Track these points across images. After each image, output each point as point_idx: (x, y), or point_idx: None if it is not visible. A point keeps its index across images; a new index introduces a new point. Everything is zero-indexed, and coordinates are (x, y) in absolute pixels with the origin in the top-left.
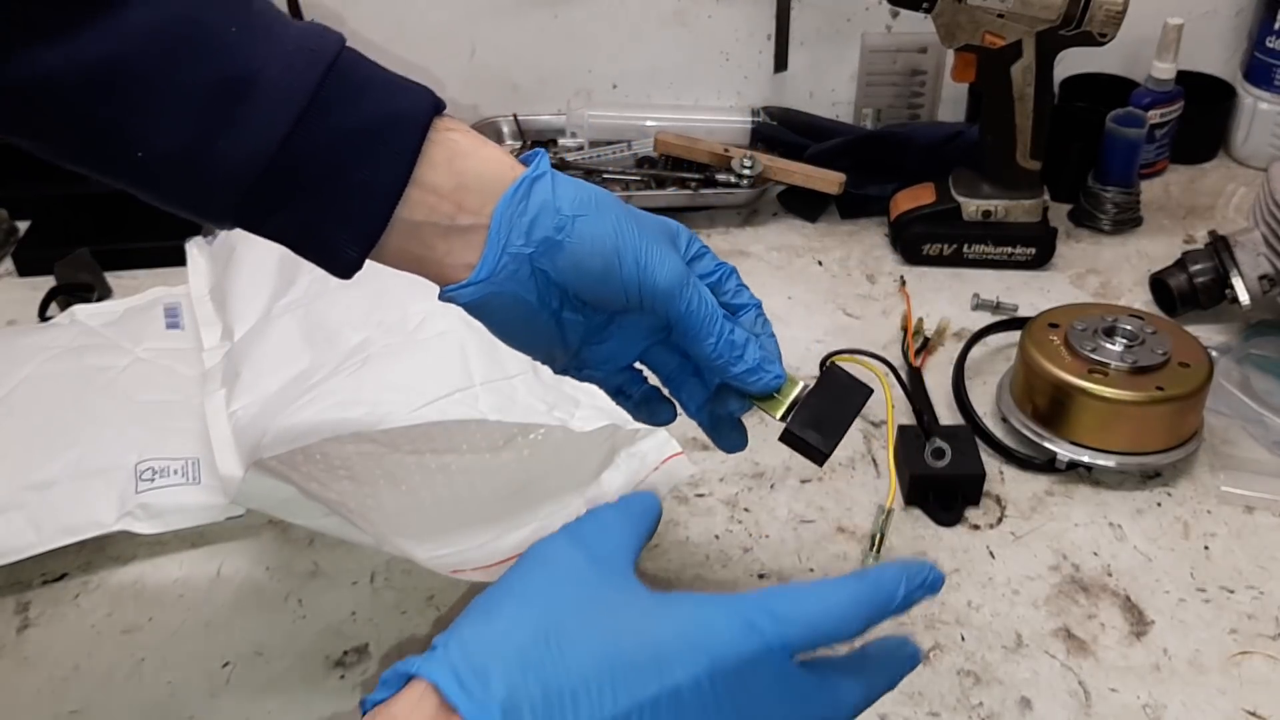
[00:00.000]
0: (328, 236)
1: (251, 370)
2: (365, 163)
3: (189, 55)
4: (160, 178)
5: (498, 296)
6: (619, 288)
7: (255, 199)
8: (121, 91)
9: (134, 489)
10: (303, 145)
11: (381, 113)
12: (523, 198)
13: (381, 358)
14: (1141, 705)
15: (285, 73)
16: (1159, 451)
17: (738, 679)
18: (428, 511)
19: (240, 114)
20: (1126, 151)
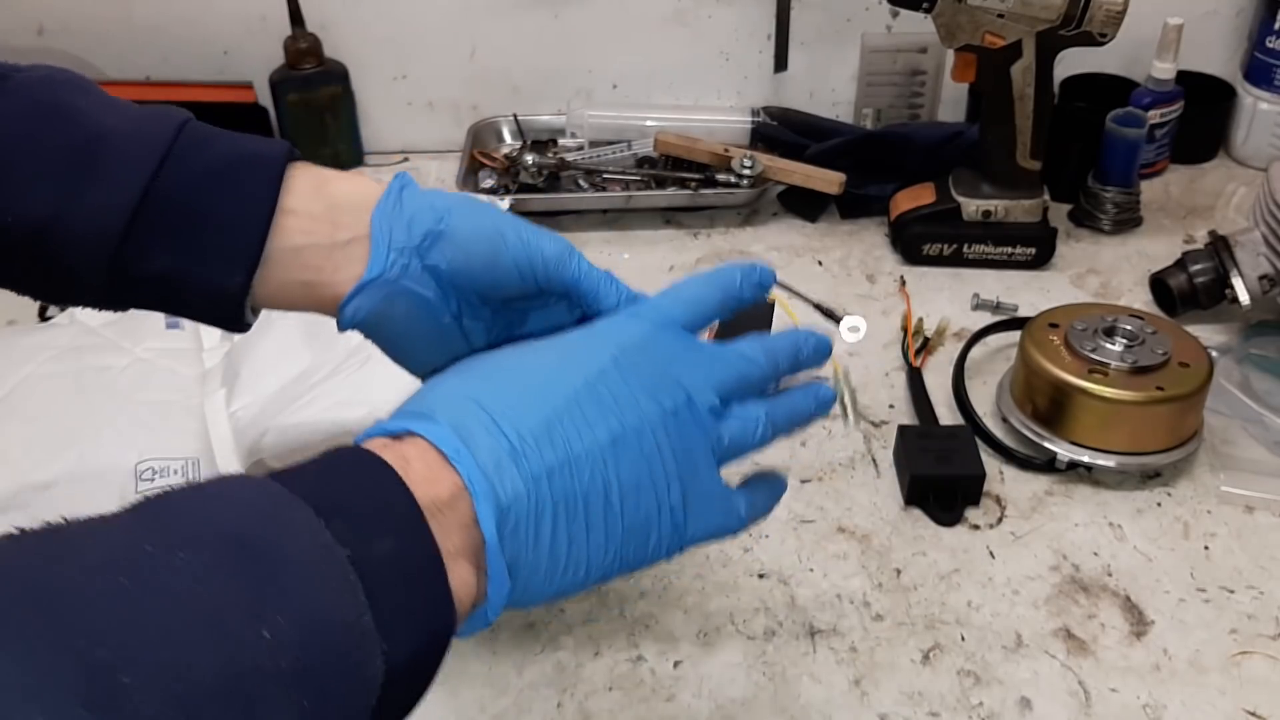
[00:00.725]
0: (208, 273)
1: (251, 370)
2: (230, 196)
3: (47, 128)
4: (32, 248)
5: (396, 299)
6: (510, 266)
7: (128, 247)
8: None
9: (134, 489)
10: (166, 188)
11: (238, 154)
12: (396, 202)
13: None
14: (1141, 705)
15: (139, 131)
16: (1159, 451)
17: (641, 352)
18: None
19: (101, 168)
20: (1126, 151)
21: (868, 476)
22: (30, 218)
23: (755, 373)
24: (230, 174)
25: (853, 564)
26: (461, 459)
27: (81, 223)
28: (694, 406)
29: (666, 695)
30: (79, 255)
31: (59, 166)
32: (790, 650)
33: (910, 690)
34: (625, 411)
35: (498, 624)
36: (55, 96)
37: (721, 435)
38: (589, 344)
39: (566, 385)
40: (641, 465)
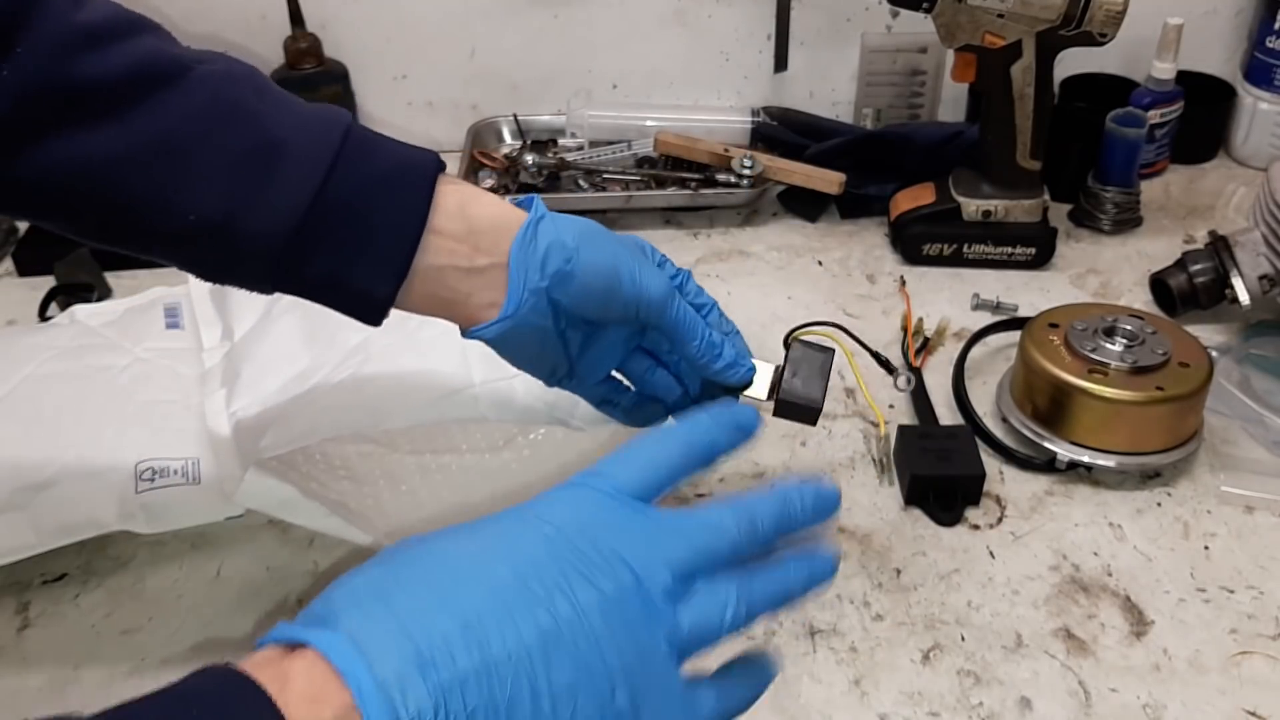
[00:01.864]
0: (359, 278)
1: (252, 370)
2: (387, 207)
3: (224, 128)
4: (200, 242)
5: (521, 329)
6: (620, 305)
7: (291, 252)
8: (165, 165)
9: (134, 489)
10: (332, 196)
11: (395, 164)
12: (532, 238)
13: (381, 358)
14: (1141, 705)
15: (309, 136)
16: (1159, 451)
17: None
18: (427, 511)
19: (275, 173)
20: (1126, 151)
21: (868, 476)
22: (207, 213)
23: (724, 544)
24: (388, 185)
25: (853, 564)
26: (354, 673)
27: (255, 222)
28: (643, 589)
29: None
30: (249, 250)
31: (237, 167)
32: (790, 650)
33: (910, 690)
34: (557, 603)
35: None
36: (235, 94)
37: (680, 622)
38: (522, 526)
39: (490, 577)
40: (578, 665)
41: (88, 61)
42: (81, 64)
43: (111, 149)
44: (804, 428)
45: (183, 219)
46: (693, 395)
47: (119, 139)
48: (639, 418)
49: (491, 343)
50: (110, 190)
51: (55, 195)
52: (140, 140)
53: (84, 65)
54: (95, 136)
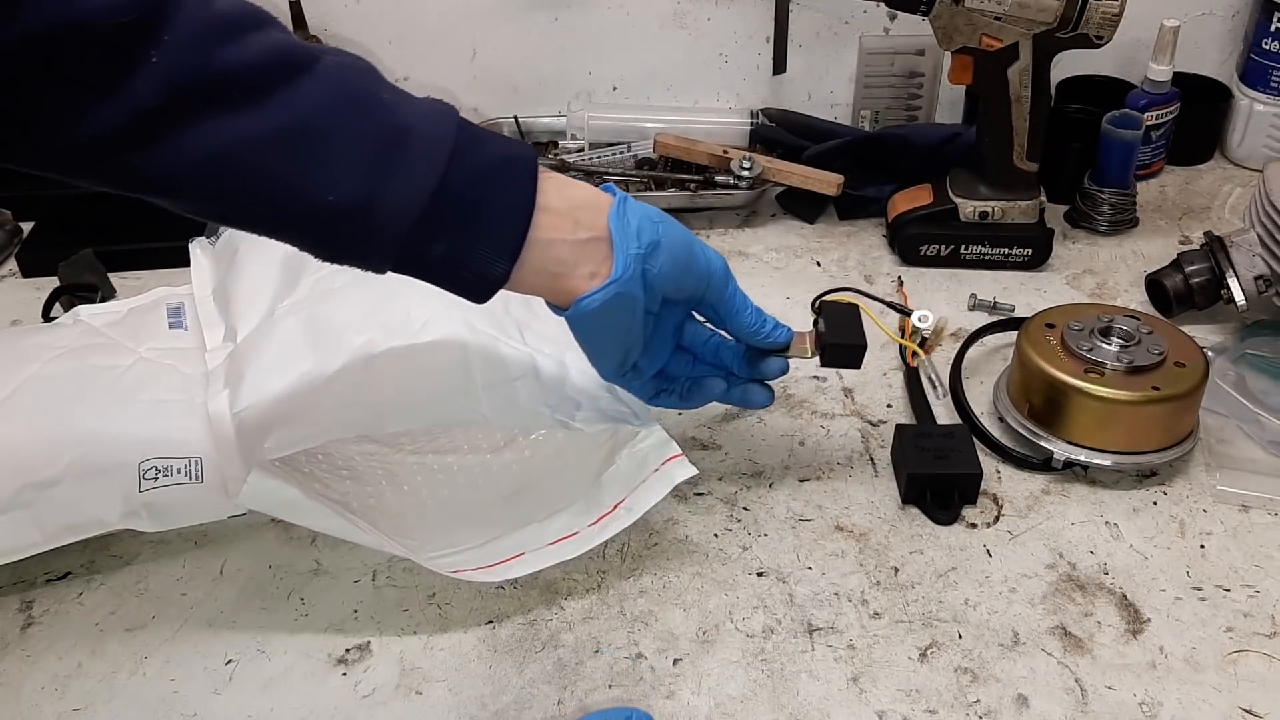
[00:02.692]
0: (479, 257)
1: (255, 371)
2: (502, 190)
3: (357, 113)
4: (336, 223)
5: (620, 299)
6: (695, 277)
7: (418, 232)
8: (305, 148)
9: (137, 488)
10: (455, 180)
11: (504, 152)
12: (623, 212)
13: (384, 360)
14: (1138, 703)
15: (431, 124)
16: (1155, 451)
17: None
18: (429, 512)
19: (405, 158)
20: (1123, 153)
21: (865, 475)
22: (346, 194)
23: None
24: (501, 169)
25: (850, 562)
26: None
27: (389, 204)
28: None
29: (666, 692)
30: (379, 233)
31: (372, 151)
32: (788, 648)
33: (908, 688)
34: None
35: (499, 622)
36: (363, 83)
37: None
38: None
39: None
40: None
41: (230, 49)
42: (225, 52)
43: (256, 132)
44: (803, 428)
45: (322, 200)
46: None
47: (263, 123)
48: (696, 398)
49: (594, 314)
50: (254, 173)
51: (200, 179)
52: (282, 124)
53: (227, 53)
54: (240, 121)
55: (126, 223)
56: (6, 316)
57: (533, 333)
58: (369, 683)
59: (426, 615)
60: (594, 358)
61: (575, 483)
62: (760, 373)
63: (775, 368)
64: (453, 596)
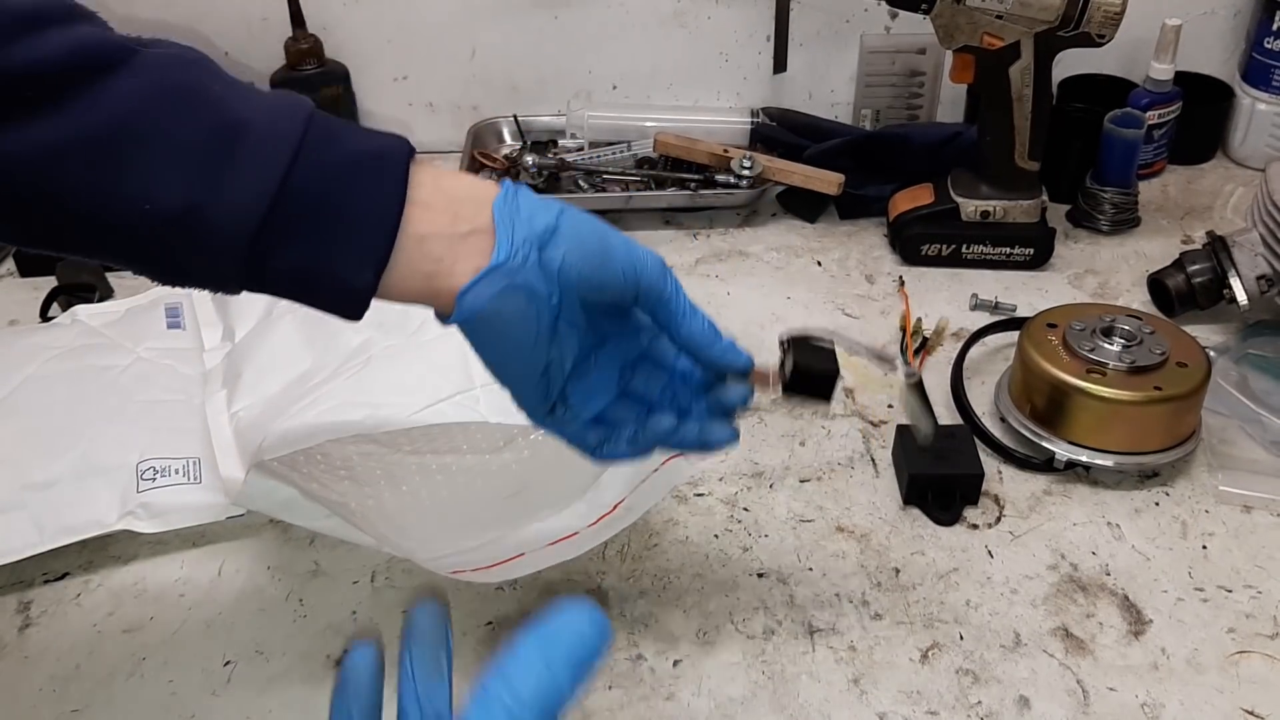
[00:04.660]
0: (338, 266)
1: (253, 371)
2: (363, 187)
3: (181, 112)
4: (158, 237)
5: (511, 293)
6: (617, 269)
7: (262, 240)
8: (120, 154)
9: (135, 488)
10: (302, 178)
11: (367, 147)
12: (513, 199)
13: (382, 359)
14: (1140, 704)
15: (272, 119)
16: (1157, 451)
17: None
18: (428, 512)
19: (239, 157)
20: (1125, 152)
21: (866, 476)
22: (164, 203)
23: None
24: (360, 169)
25: (851, 563)
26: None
27: (219, 214)
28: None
29: (666, 694)
30: (214, 246)
31: (194, 153)
32: (789, 649)
33: (909, 689)
34: None
35: (497, 623)
36: (187, 78)
37: None
38: None
39: None
40: None
41: (23, 47)
42: (15, 51)
43: (54, 139)
44: (804, 428)
45: (137, 211)
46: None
47: (62, 128)
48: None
49: (484, 313)
50: (56, 185)
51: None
52: (86, 129)
53: (19, 52)
54: (36, 127)
55: None
56: (4, 316)
57: None
58: None
59: None
60: (508, 383)
61: (575, 483)
62: (718, 403)
63: (737, 394)
64: (452, 597)
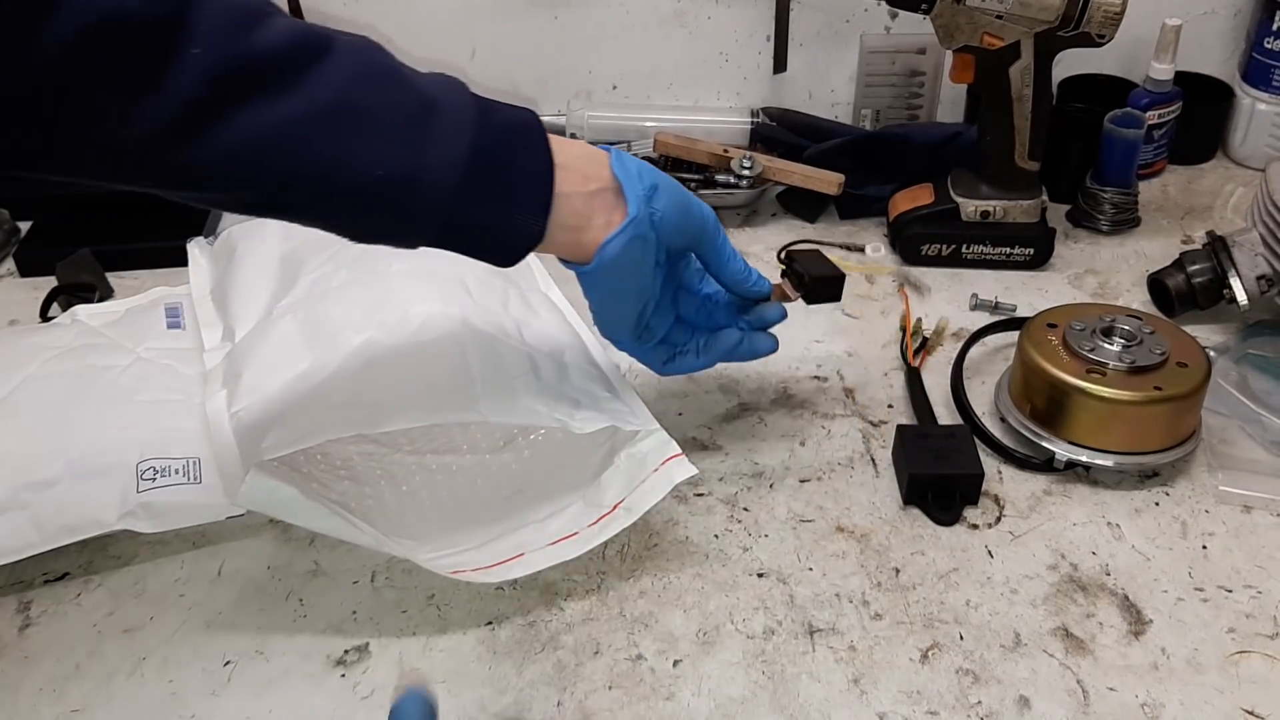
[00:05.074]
0: (516, 219)
1: (253, 371)
2: (524, 151)
3: (386, 90)
4: (384, 200)
5: (635, 241)
6: (693, 220)
7: (460, 201)
8: (345, 126)
9: (135, 488)
10: (483, 147)
11: (516, 115)
12: (622, 159)
13: (382, 359)
14: (1140, 704)
15: (450, 94)
16: (1157, 451)
17: None
18: (428, 512)
19: (436, 129)
20: (1125, 152)
21: (866, 476)
22: (390, 171)
23: None
24: (518, 136)
25: (851, 563)
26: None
27: (428, 176)
28: None
29: (666, 694)
30: (423, 205)
31: (401, 128)
32: (789, 649)
33: (909, 689)
34: None
35: (498, 623)
36: (380, 60)
37: None
38: None
39: None
40: None
41: (259, 35)
42: (255, 38)
43: (296, 115)
44: (804, 428)
45: (369, 176)
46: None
47: (300, 105)
48: (712, 354)
49: (616, 260)
50: (299, 155)
51: (246, 169)
52: (319, 104)
53: (257, 39)
54: (279, 105)
55: (124, 223)
56: (4, 316)
57: (531, 331)
58: (368, 684)
59: (425, 616)
60: (610, 318)
61: (575, 483)
62: (762, 320)
63: (776, 313)
64: (452, 597)
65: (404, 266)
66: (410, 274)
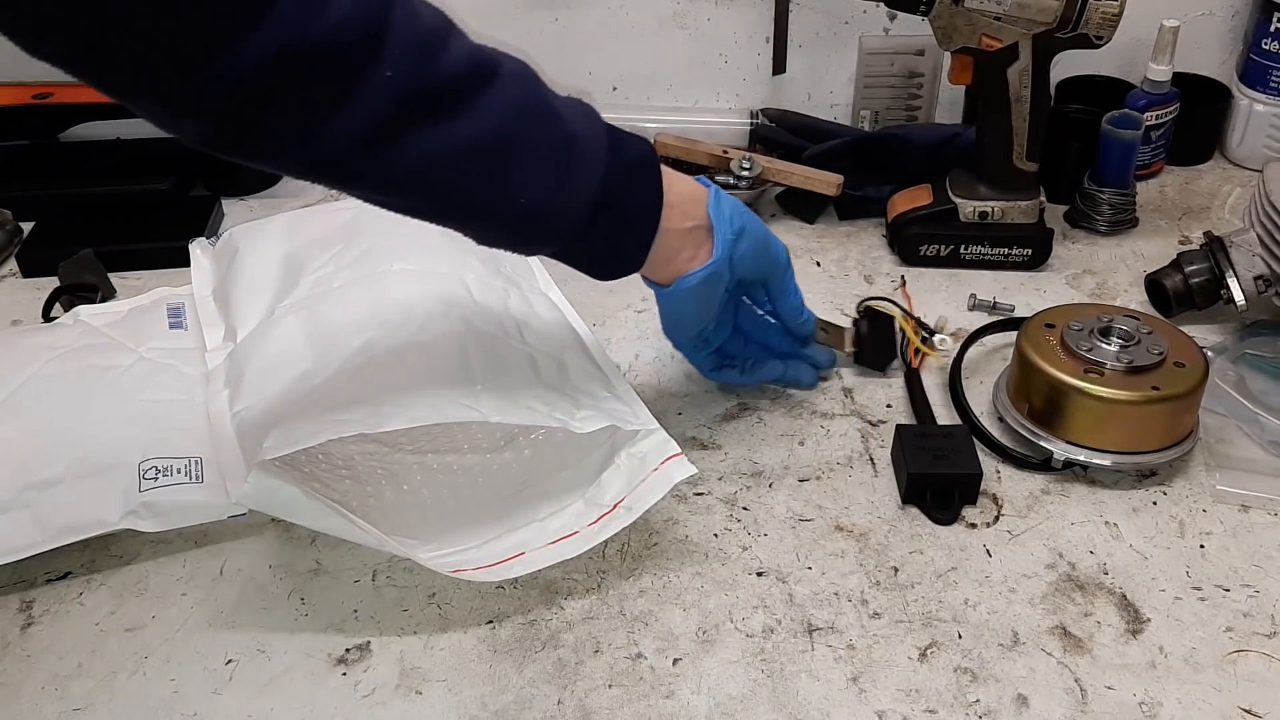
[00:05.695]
0: (625, 249)
1: (255, 371)
2: (642, 188)
3: (537, 122)
4: (526, 224)
5: (714, 276)
6: (769, 260)
7: (584, 230)
8: (503, 154)
9: (137, 488)
10: (610, 184)
11: (640, 152)
12: (718, 201)
13: (383, 359)
14: (1138, 703)
15: (588, 130)
16: (1154, 451)
17: None
18: (429, 511)
19: (575, 165)
20: (1122, 153)
21: (865, 475)
22: (535, 198)
23: None
24: (639, 171)
25: (850, 562)
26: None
27: (565, 208)
28: None
29: (666, 692)
30: (554, 231)
31: (551, 160)
32: (788, 648)
33: (908, 687)
34: None
35: (499, 621)
36: (537, 90)
37: None
38: None
39: None
40: None
41: (442, 60)
42: (438, 63)
43: (465, 139)
44: (803, 428)
45: (515, 202)
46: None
47: (469, 130)
48: (756, 375)
49: (691, 290)
50: (458, 177)
51: (416, 183)
52: (485, 131)
53: (440, 64)
54: (450, 130)
55: (127, 223)
56: (6, 317)
57: (532, 331)
58: (369, 682)
59: (426, 615)
60: (675, 328)
61: (575, 482)
62: (810, 359)
63: (824, 358)
64: (453, 596)
65: (405, 267)
66: (411, 274)
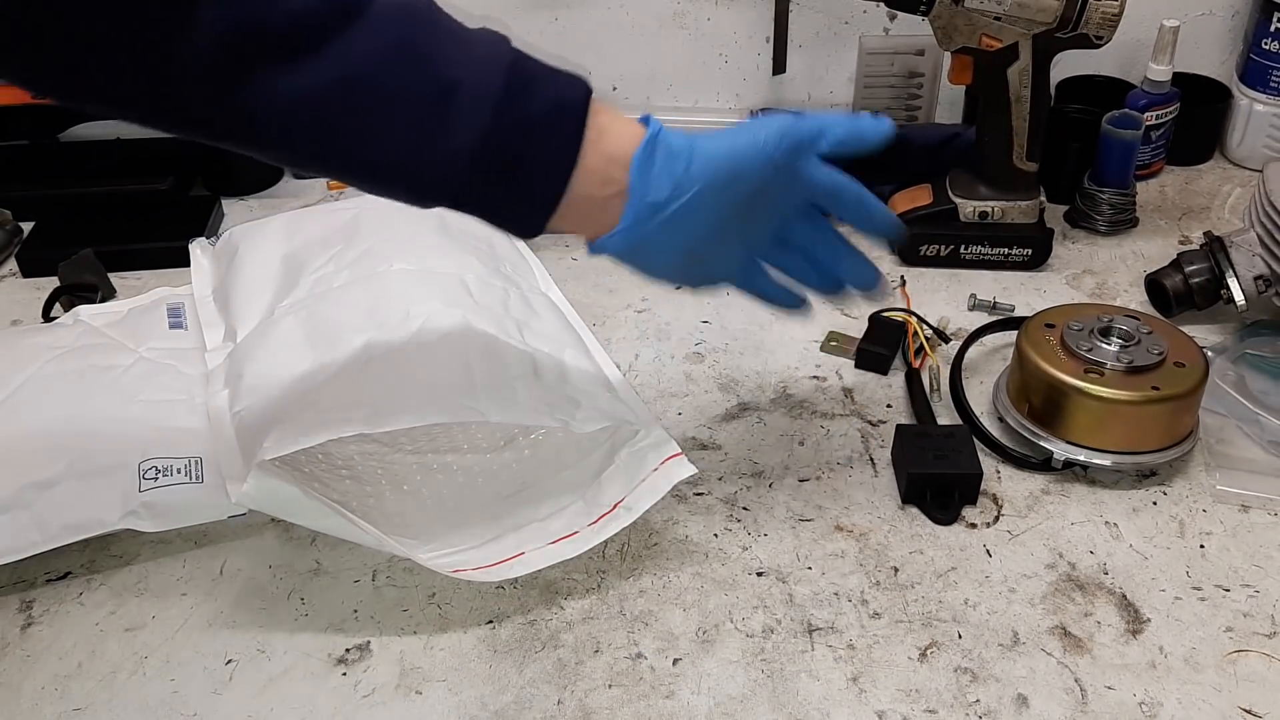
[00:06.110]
0: (518, 212)
1: (255, 371)
2: (544, 148)
3: (406, 68)
4: (394, 177)
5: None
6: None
7: (464, 188)
8: (359, 103)
9: (137, 488)
10: (497, 138)
11: (551, 103)
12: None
13: (383, 359)
14: (1138, 703)
15: (479, 76)
16: (1155, 451)
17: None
18: (428, 511)
19: (450, 119)
20: (1122, 153)
21: (865, 475)
22: (395, 154)
23: None
24: (544, 129)
25: (850, 562)
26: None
27: (429, 168)
28: None
29: (666, 692)
30: (428, 189)
31: (414, 114)
32: (788, 648)
33: (908, 688)
34: None
35: (499, 621)
36: (413, 35)
37: None
38: None
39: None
40: None
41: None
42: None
43: (314, 84)
44: (803, 428)
45: (381, 154)
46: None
47: (318, 74)
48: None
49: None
50: (319, 124)
51: (275, 129)
52: (336, 78)
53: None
54: (300, 72)
55: (127, 223)
56: (6, 316)
57: (532, 331)
58: (369, 682)
59: (426, 615)
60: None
61: (575, 482)
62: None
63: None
64: (452, 596)
65: (405, 267)
66: (411, 274)
